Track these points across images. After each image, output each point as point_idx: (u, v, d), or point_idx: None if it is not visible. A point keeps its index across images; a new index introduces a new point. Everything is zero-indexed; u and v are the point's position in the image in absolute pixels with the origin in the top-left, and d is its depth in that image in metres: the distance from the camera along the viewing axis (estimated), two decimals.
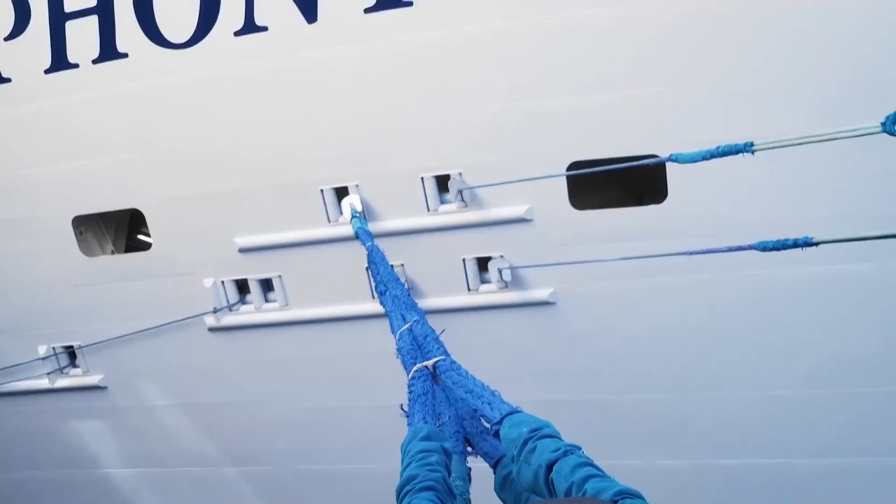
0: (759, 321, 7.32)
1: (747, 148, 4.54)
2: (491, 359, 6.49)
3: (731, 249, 5.30)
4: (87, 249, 8.97)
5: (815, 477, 7.77)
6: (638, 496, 1.86)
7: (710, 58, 6.47)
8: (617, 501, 1.80)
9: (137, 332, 8.90)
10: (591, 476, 2.04)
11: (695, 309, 7.40)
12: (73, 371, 9.62)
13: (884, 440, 7.49)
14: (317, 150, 7.57)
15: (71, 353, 9.51)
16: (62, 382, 9.64)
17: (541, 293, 7.66)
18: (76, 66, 7.77)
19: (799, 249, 4.83)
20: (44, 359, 9.49)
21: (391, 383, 4.40)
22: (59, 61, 7.80)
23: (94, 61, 7.71)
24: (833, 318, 7.17)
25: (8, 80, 8.04)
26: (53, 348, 9.47)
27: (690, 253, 5.84)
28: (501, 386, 3.17)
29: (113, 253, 9.46)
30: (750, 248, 5.10)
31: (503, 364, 7.50)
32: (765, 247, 4.97)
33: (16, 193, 8.55)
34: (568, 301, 7.65)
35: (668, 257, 6.29)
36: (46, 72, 7.86)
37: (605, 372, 7.84)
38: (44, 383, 9.63)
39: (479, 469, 3.14)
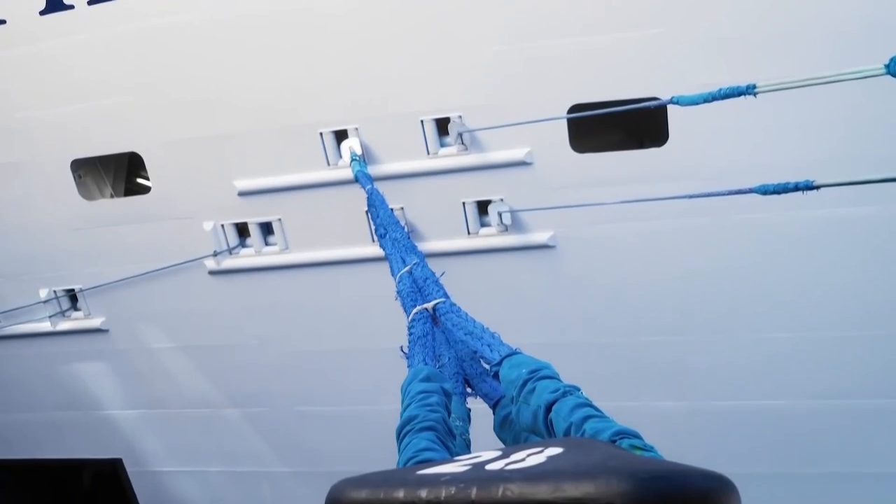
0: (758, 265, 7.33)
1: (750, 90, 4.50)
2: (490, 302, 6.51)
3: (731, 193, 5.29)
4: (86, 193, 8.94)
5: (813, 419, 7.84)
6: (636, 436, 1.87)
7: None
8: (615, 441, 1.82)
9: (138, 276, 8.91)
10: (589, 416, 2.05)
11: (695, 252, 7.40)
12: (75, 314, 9.66)
13: (882, 382, 7.55)
14: (316, 94, 7.51)
15: (72, 296, 9.54)
16: (64, 325, 9.68)
17: (540, 236, 7.65)
18: (71, 7, 7.67)
19: (800, 193, 4.82)
20: (45, 302, 9.52)
21: (391, 326, 4.42)
22: (54, 3, 7.70)
23: (90, 2, 7.61)
24: (833, 262, 7.17)
25: (3, 22, 7.94)
26: (54, 291, 9.49)
27: (691, 196, 5.82)
28: (501, 329, 3.18)
29: (112, 197, 9.44)
30: (751, 191, 5.08)
31: (503, 307, 7.52)
32: (765, 190, 4.95)
33: (14, 137, 8.50)
34: (568, 244, 7.65)
35: (668, 201, 6.27)
36: (41, 13, 7.76)
37: (604, 315, 7.88)
38: (45, 326, 9.67)
39: (479, 410, 3.16)
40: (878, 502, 8.00)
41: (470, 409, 3.06)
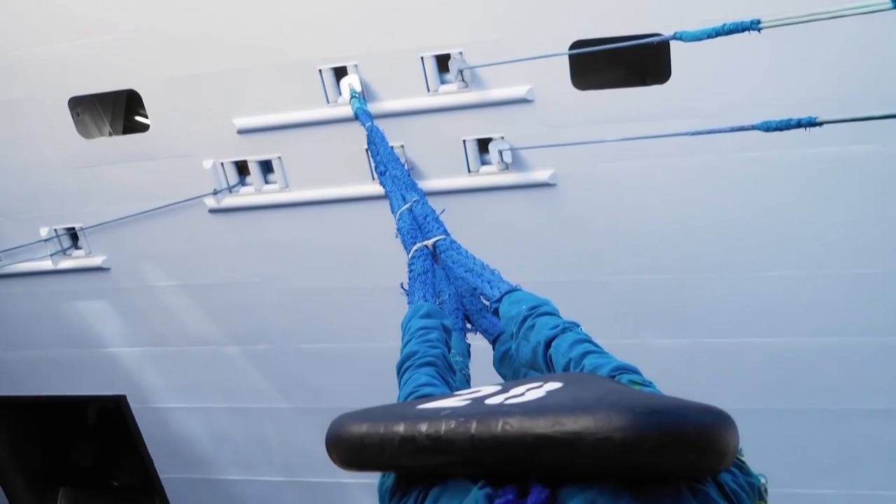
0: (759, 203, 7.32)
1: (754, 25, 4.44)
2: (490, 240, 6.51)
3: (733, 129, 5.25)
4: (84, 131, 8.89)
5: (812, 356, 7.89)
6: (635, 371, 1.88)
7: None
8: (614, 376, 1.83)
9: (138, 215, 8.90)
10: (588, 352, 2.06)
11: (696, 190, 7.38)
12: (76, 253, 9.67)
13: (882, 320, 7.58)
14: (315, 30, 7.42)
15: (73, 234, 9.54)
16: (65, 264, 9.70)
17: (541, 174, 7.63)
18: None
19: (802, 130, 4.79)
20: (46, 240, 9.53)
21: (391, 263, 4.43)
22: None
23: None
24: (834, 200, 7.16)
25: None
26: (55, 230, 9.49)
27: (692, 133, 5.79)
28: (500, 267, 3.18)
29: (110, 135, 9.39)
30: (753, 128, 5.05)
31: (502, 245, 7.52)
32: (768, 127, 4.92)
33: (10, 74, 8.42)
34: (568, 182, 7.62)
35: (670, 138, 6.24)
36: None
37: (605, 253, 7.88)
38: (47, 265, 9.69)
39: (479, 346, 3.18)
40: (876, 438, 8.09)
41: (470, 345, 3.08)
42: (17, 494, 11.84)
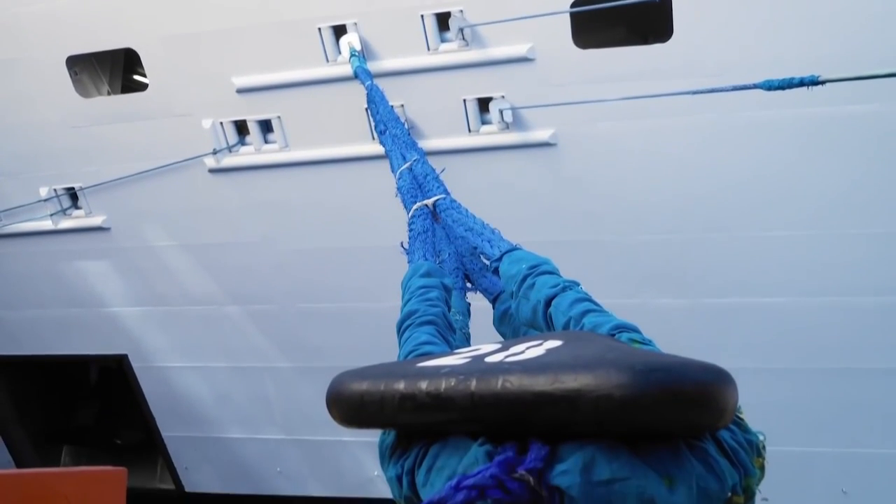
0: (760, 162, 7.30)
1: None
2: (491, 200, 6.49)
3: (735, 88, 5.22)
4: (82, 90, 8.84)
5: (811, 316, 7.91)
6: (635, 330, 1.88)
7: None
8: (614, 335, 1.83)
9: (138, 174, 8.88)
10: (588, 311, 2.06)
11: (697, 150, 7.36)
12: (76, 213, 9.66)
13: (881, 280, 7.59)
14: None
15: (73, 194, 9.52)
16: (65, 224, 9.69)
17: (542, 134, 7.60)
18: None
19: (805, 89, 4.76)
20: (46, 200, 9.51)
21: (391, 223, 4.42)
22: None
23: None
24: (835, 160, 7.14)
25: None
26: (54, 190, 9.47)
27: (694, 92, 5.75)
28: (500, 227, 3.18)
29: (109, 94, 9.34)
30: (755, 87, 5.02)
31: (503, 205, 7.51)
32: (770, 86, 4.89)
33: (8, 33, 8.36)
34: (569, 142, 7.59)
35: (671, 97, 6.20)
36: None
37: (605, 213, 7.87)
38: (47, 225, 9.68)
39: (479, 305, 3.19)
40: (874, 398, 8.14)
41: (470, 304, 3.08)
42: (22, 452, 11.93)
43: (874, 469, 8.38)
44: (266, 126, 8.38)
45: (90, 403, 12.49)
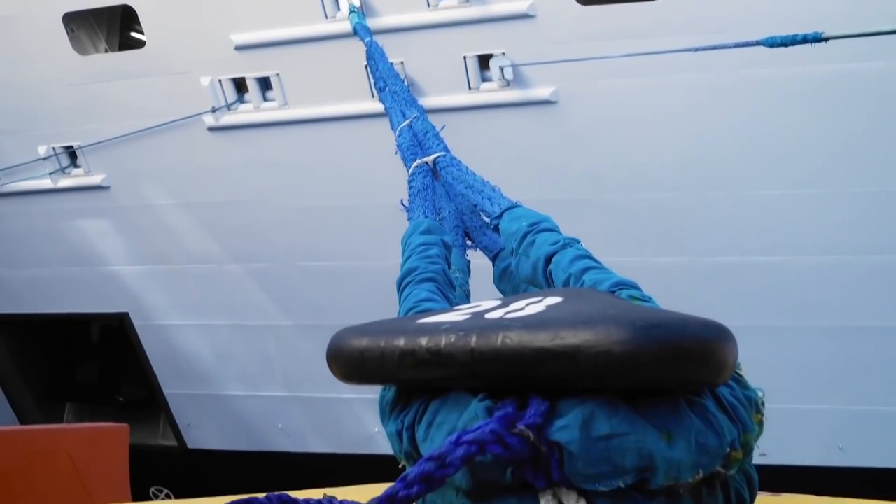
0: (761, 120, 7.26)
1: None
2: (491, 158, 6.48)
3: (737, 45, 5.19)
4: (79, 48, 8.78)
5: (810, 274, 7.92)
6: (635, 287, 1.88)
7: None
8: (614, 292, 1.83)
9: (136, 133, 8.85)
10: (589, 268, 2.06)
11: (699, 108, 7.32)
12: (75, 171, 9.64)
13: (880, 239, 7.59)
14: None
15: (71, 153, 9.50)
16: (64, 182, 9.68)
17: (542, 92, 7.55)
18: None
19: (808, 46, 4.73)
20: (44, 159, 9.49)
21: (391, 181, 4.41)
22: None
23: None
24: (836, 118, 7.10)
25: None
26: (53, 149, 9.45)
27: (696, 49, 5.72)
28: (501, 185, 3.17)
29: (106, 51, 9.27)
30: (758, 44, 4.98)
31: (503, 163, 7.49)
32: (773, 43, 4.86)
33: None
34: (570, 100, 7.56)
35: (673, 54, 6.16)
36: None
37: (606, 171, 7.85)
38: (46, 183, 9.67)
39: (479, 264, 3.18)
40: (871, 356, 8.17)
41: (469, 262, 3.08)
42: (25, 409, 12.02)
43: (870, 426, 8.45)
44: (265, 84, 8.34)
45: (92, 361, 12.56)
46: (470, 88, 7.68)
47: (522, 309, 1.42)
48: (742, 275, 8.09)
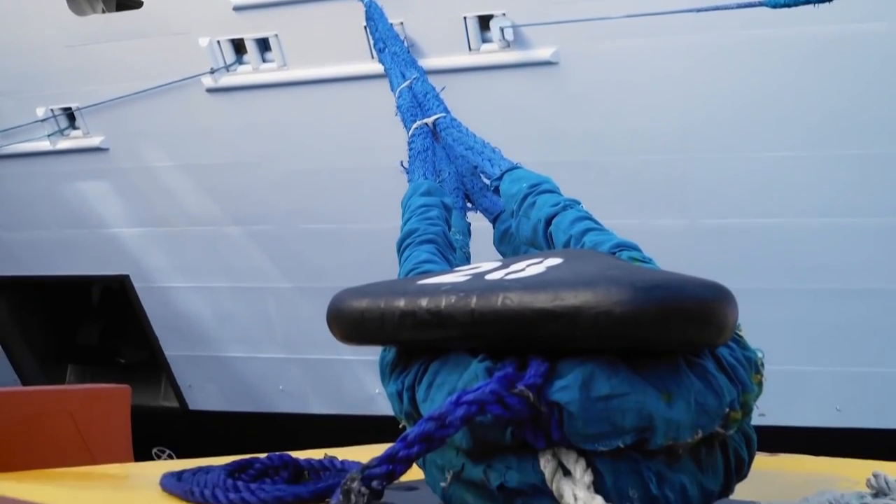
0: (762, 82, 7.23)
1: None
2: (491, 120, 6.45)
3: (740, 6, 5.15)
4: (76, 8, 8.71)
5: (810, 236, 7.92)
6: (635, 248, 1.88)
7: None
8: (615, 253, 1.83)
9: (135, 94, 8.80)
10: (589, 229, 2.06)
11: (700, 69, 7.28)
12: (74, 133, 9.60)
13: (880, 201, 7.58)
14: None
15: (70, 115, 9.46)
16: (63, 144, 9.65)
17: (543, 53, 7.51)
18: None
19: (811, 7, 4.69)
20: (43, 121, 9.45)
21: (391, 143, 4.40)
22: None
23: None
24: (838, 79, 7.07)
25: None
26: (51, 110, 9.41)
27: (699, 10, 5.67)
28: (501, 147, 3.16)
29: (103, 11, 9.20)
30: (760, 4, 4.95)
31: (503, 125, 7.45)
32: (776, 3, 4.82)
33: None
34: (571, 61, 7.51)
35: (675, 15, 6.11)
36: None
37: (607, 133, 7.82)
38: (45, 145, 9.63)
39: (479, 227, 3.18)
40: (868, 318, 8.19)
41: (470, 224, 3.08)
42: (27, 371, 12.08)
43: (867, 387, 8.49)
44: (264, 45, 8.28)
45: (93, 323, 12.59)
46: (470, 49, 7.63)
47: (523, 270, 1.42)
48: (742, 237, 8.08)
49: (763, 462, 1.85)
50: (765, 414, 1.50)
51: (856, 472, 1.83)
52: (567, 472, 1.29)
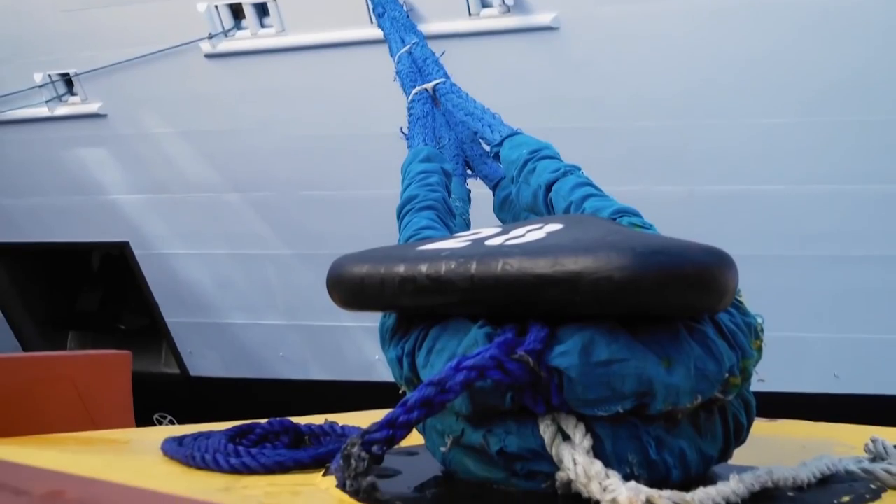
0: (765, 48, 7.19)
1: None
2: (491, 86, 6.41)
3: None
4: None
5: (810, 203, 7.91)
6: (636, 214, 1.88)
7: None
8: (615, 219, 1.83)
9: (133, 60, 8.76)
10: (589, 195, 2.05)
11: (701, 35, 7.24)
12: (72, 99, 9.56)
13: (880, 168, 7.56)
14: None
15: (68, 80, 9.41)
16: (61, 110, 9.61)
17: (544, 18, 7.46)
18: None
19: None
20: (41, 86, 9.41)
21: (391, 109, 4.38)
22: None
23: None
24: (841, 44, 7.03)
25: None
26: (49, 76, 9.36)
27: None
28: (501, 113, 3.14)
29: None
30: None
31: (504, 92, 7.42)
32: None
33: None
34: (572, 26, 7.46)
35: None
36: None
37: (607, 99, 7.79)
38: (43, 111, 9.60)
39: (479, 194, 3.18)
40: (866, 284, 8.20)
41: (470, 191, 3.07)
42: (28, 338, 12.11)
43: (864, 354, 8.52)
44: (262, 9, 8.22)
45: (93, 290, 12.61)
46: (470, 14, 7.58)
47: (523, 236, 1.42)
48: (743, 203, 8.07)
49: (762, 427, 1.86)
50: (764, 380, 1.51)
51: (854, 437, 1.84)
52: (566, 437, 1.30)
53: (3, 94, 9.55)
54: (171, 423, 11.60)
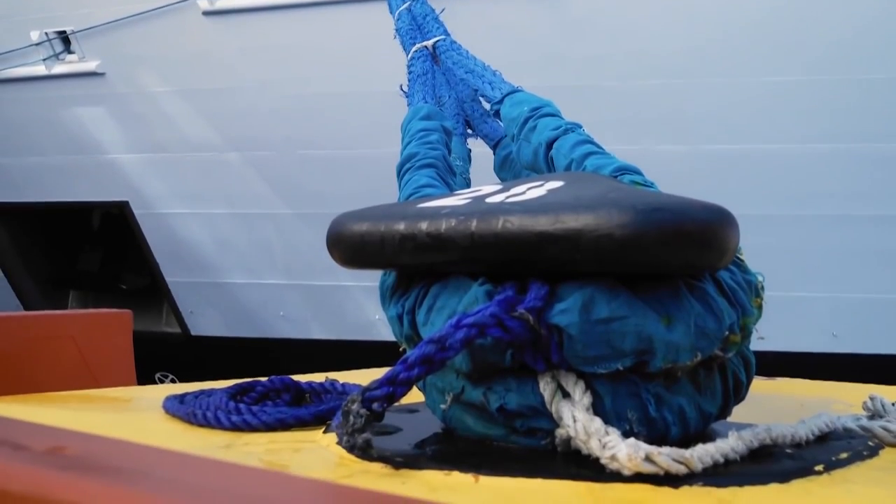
0: (767, 6, 7.15)
1: None
2: (492, 44, 6.35)
3: None
4: None
5: (811, 163, 7.89)
6: (637, 172, 1.87)
7: None
8: (616, 177, 1.82)
9: (131, 17, 8.68)
10: (591, 153, 2.04)
11: None
12: (69, 57, 9.50)
13: (883, 127, 7.53)
14: None
15: (65, 38, 9.34)
16: (59, 69, 9.54)
17: None
18: None
19: None
20: (38, 45, 9.34)
21: (390, 68, 4.35)
22: None
23: None
24: (846, 4, 6.97)
25: None
26: (46, 34, 9.29)
27: None
28: (502, 72, 3.12)
29: None
30: None
31: (504, 50, 7.35)
32: None
33: None
34: None
35: None
36: None
37: (608, 58, 7.74)
38: (40, 70, 9.53)
39: (479, 153, 3.16)
40: (866, 244, 8.21)
41: (470, 150, 3.06)
42: (29, 297, 12.14)
43: (863, 313, 8.55)
44: None
45: (93, 249, 12.61)
46: None
47: (523, 193, 1.41)
48: (744, 162, 8.05)
49: (761, 386, 1.86)
50: (764, 338, 1.51)
51: (852, 395, 1.85)
52: (566, 395, 1.30)
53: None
54: (173, 381, 11.66)
